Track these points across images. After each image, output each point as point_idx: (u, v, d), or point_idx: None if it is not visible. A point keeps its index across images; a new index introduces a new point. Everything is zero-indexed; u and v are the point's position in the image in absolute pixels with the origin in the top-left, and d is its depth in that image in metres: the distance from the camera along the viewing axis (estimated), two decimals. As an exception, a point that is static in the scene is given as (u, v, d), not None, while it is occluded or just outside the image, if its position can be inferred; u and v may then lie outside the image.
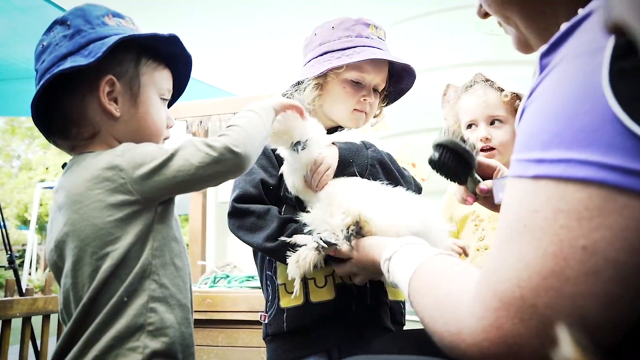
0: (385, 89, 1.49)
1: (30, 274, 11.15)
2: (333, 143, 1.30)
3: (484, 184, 1.08)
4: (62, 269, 0.98)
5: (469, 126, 1.76)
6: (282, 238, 1.21)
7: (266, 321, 1.32)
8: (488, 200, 1.11)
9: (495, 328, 0.53)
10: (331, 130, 1.38)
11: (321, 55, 1.38)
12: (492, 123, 1.72)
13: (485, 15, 0.86)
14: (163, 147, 0.99)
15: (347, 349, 1.27)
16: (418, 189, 1.43)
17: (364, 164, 1.28)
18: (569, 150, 0.51)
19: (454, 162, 1.00)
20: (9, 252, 3.25)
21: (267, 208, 1.29)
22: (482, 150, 1.70)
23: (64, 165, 1.04)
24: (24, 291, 2.73)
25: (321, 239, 1.12)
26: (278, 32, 4.01)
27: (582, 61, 0.53)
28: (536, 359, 0.51)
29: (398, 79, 1.50)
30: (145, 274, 0.95)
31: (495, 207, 1.15)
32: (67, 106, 1.03)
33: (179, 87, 1.16)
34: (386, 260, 0.94)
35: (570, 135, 0.51)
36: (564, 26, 0.57)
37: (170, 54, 1.11)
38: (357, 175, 1.26)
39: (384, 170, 1.31)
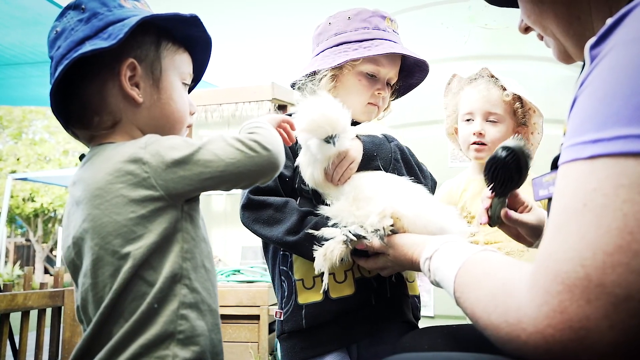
0: (396, 83, 1.47)
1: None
2: (357, 136, 1.27)
3: (511, 212, 1.13)
4: (79, 267, 0.92)
5: (467, 119, 1.76)
6: (309, 230, 1.17)
7: (282, 318, 1.27)
8: (507, 228, 1.19)
9: (559, 313, 0.50)
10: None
11: (336, 45, 1.35)
12: (487, 120, 1.72)
13: (527, 30, 0.88)
14: (189, 140, 0.92)
15: (366, 344, 1.26)
16: (434, 184, 1.42)
17: (388, 158, 1.25)
18: (627, 127, 0.51)
19: (512, 169, 1.03)
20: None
21: (285, 200, 1.25)
22: (473, 143, 1.72)
23: (81, 157, 0.98)
24: (1, 287, 2.61)
25: (350, 231, 1.09)
26: (259, 25, 3.96)
27: (636, 45, 0.53)
28: (605, 342, 0.48)
29: (408, 74, 1.49)
30: (176, 278, 0.89)
31: (513, 235, 1.22)
32: (87, 93, 0.96)
33: (197, 72, 1.11)
34: (427, 259, 0.92)
35: (628, 113, 0.51)
36: (609, 21, 0.58)
37: (187, 37, 1.05)
38: (380, 169, 1.23)
39: (405, 164, 1.29)
